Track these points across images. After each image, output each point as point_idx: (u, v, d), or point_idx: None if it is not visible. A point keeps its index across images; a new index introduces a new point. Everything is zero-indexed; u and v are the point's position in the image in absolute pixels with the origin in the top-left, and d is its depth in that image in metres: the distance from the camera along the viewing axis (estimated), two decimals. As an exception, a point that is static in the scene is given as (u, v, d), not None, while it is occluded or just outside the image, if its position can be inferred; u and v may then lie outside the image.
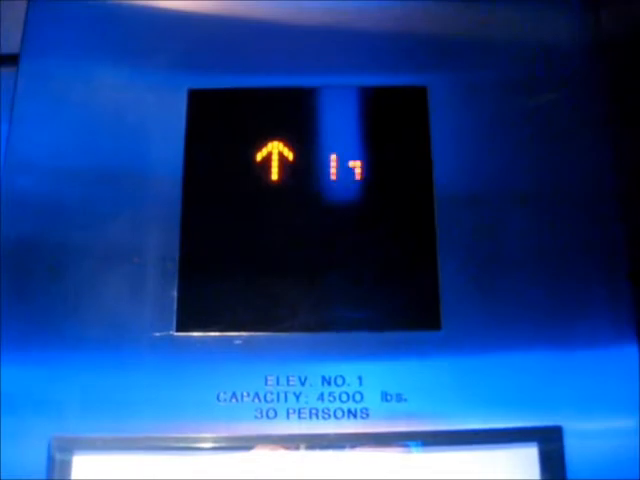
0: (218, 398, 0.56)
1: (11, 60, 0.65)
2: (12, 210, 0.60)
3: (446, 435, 0.56)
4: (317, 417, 0.56)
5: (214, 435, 0.56)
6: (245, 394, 0.57)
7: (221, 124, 0.63)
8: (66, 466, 0.55)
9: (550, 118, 0.63)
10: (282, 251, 0.60)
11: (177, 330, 0.58)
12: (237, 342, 0.58)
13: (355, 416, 0.56)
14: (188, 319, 0.58)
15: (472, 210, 0.61)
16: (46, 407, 0.56)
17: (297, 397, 0.57)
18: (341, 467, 0.55)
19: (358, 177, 0.61)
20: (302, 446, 0.56)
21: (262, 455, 0.55)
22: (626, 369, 0.57)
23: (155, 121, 0.63)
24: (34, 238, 0.60)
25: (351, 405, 0.57)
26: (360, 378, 0.57)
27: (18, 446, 0.55)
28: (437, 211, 0.61)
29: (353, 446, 0.56)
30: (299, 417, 0.56)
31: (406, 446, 0.56)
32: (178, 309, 0.58)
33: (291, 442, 0.56)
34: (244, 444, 0.56)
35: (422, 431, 0.56)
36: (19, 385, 0.57)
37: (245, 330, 0.58)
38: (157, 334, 0.58)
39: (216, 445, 0.55)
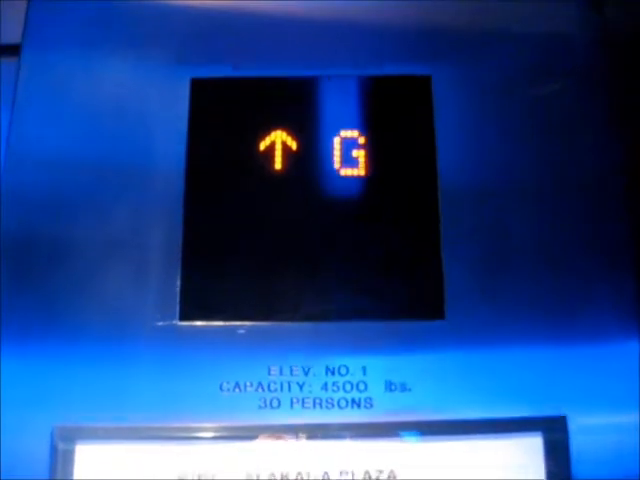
0: (221, 388, 0.56)
1: (13, 50, 0.65)
2: (13, 202, 0.60)
3: (450, 425, 0.56)
4: (321, 407, 0.56)
5: (217, 425, 0.56)
6: (248, 384, 0.56)
7: (224, 113, 0.62)
8: (69, 455, 0.55)
9: (554, 112, 0.63)
10: (285, 241, 0.59)
11: (180, 319, 0.58)
12: (240, 332, 0.57)
13: (359, 406, 0.56)
14: (191, 309, 0.58)
15: (476, 200, 0.61)
16: (48, 397, 0.56)
17: (301, 387, 0.57)
18: (345, 457, 0.55)
19: (362, 166, 0.61)
20: (306, 436, 0.55)
21: (265, 445, 0.55)
22: (629, 361, 0.57)
23: (158, 110, 0.62)
24: (36, 230, 0.60)
25: (355, 395, 0.56)
26: (364, 368, 0.57)
27: (20, 436, 0.55)
28: (441, 201, 0.60)
29: (357, 436, 0.55)
30: (303, 407, 0.56)
31: (410, 436, 0.55)
32: (181, 299, 0.58)
33: (295, 432, 0.55)
34: (247, 434, 0.55)
35: (426, 421, 0.56)
36: (21, 375, 0.56)
37: (248, 320, 0.58)
38: (160, 323, 0.57)
39: (219, 435, 0.55)
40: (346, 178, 0.61)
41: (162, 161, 0.61)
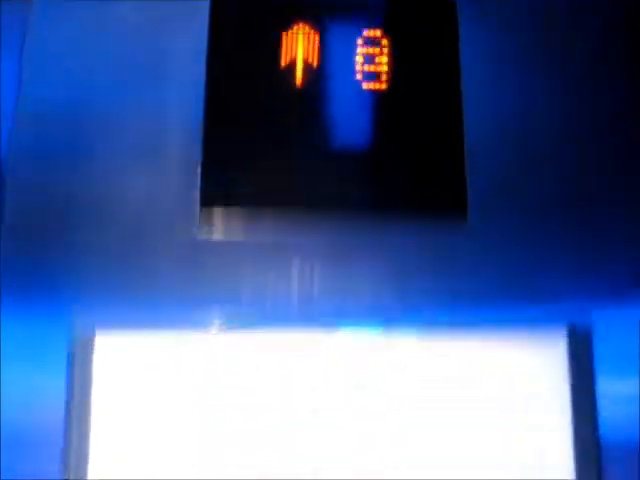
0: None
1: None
2: (29, 116, 0.60)
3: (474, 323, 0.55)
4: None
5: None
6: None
7: (246, 10, 0.62)
8: (88, 345, 0.55)
9: (578, 46, 0.63)
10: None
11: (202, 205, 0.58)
12: None
13: None
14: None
15: (500, 114, 0.61)
16: (67, 290, 0.56)
17: None
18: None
19: (384, 78, 0.61)
20: (334, 327, 0.56)
21: (294, 337, 0.56)
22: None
23: (178, 14, 0.62)
24: (53, 143, 0.60)
25: None
26: None
27: (41, 327, 0.55)
28: (465, 111, 0.61)
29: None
30: None
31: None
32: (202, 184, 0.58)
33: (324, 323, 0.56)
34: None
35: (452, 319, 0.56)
36: (41, 265, 0.57)
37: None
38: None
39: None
40: (368, 90, 0.61)
41: (181, 71, 0.61)
